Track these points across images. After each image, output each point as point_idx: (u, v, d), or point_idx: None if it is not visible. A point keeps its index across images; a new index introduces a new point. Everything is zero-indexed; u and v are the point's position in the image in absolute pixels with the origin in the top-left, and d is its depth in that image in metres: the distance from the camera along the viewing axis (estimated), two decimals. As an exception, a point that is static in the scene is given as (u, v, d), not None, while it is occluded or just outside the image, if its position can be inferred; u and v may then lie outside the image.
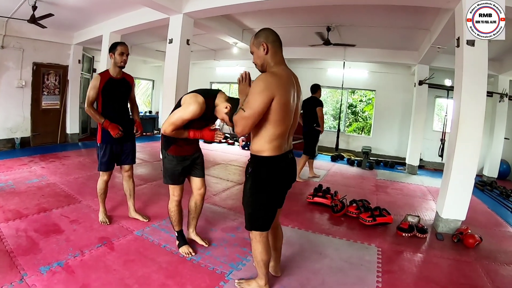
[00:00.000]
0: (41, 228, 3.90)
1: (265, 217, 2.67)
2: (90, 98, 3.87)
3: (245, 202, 2.70)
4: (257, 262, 2.77)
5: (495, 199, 7.33)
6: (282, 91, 2.36)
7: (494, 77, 9.38)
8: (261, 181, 2.56)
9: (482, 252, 4.22)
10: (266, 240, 2.73)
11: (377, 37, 8.59)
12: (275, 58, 2.56)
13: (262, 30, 2.61)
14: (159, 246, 3.67)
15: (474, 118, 4.59)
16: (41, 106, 9.82)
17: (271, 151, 2.48)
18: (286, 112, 2.43)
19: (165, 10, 6.54)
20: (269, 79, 2.36)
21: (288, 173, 2.68)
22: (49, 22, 7.55)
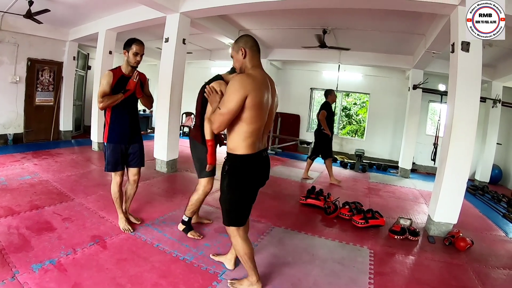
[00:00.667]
0: (33, 226, 3.87)
1: (241, 213, 2.80)
2: (103, 93, 3.76)
3: (222, 199, 2.80)
4: (241, 257, 2.84)
5: (487, 203, 7.40)
6: (256, 91, 2.50)
7: (488, 83, 9.45)
8: (237, 179, 2.69)
9: (473, 255, 4.27)
10: (244, 233, 2.84)
11: (373, 41, 8.62)
12: (252, 61, 2.72)
13: (242, 36, 2.81)
14: (152, 245, 3.66)
15: (467, 123, 4.63)
16: (34, 102, 9.74)
17: (245, 149, 2.62)
18: (259, 111, 2.56)
19: (162, 9, 6.51)
20: (244, 79, 2.53)
21: (261, 171, 2.81)
22: (45, 17, 7.51)
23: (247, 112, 2.51)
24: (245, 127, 2.57)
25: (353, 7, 5.68)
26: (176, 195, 5.55)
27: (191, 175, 7.15)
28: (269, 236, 4.26)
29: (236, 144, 2.63)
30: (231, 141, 2.65)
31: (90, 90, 10.59)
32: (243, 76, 2.56)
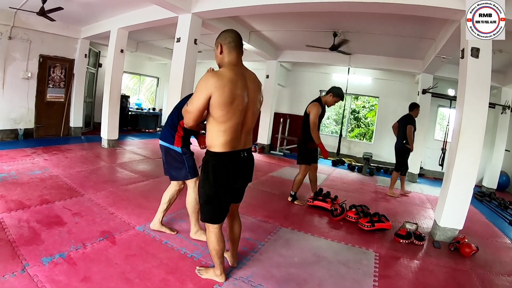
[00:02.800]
0: (44, 220, 3.93)
1: (214, 210, 2.81)
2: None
3: (198, 194, 2.87)
4: (210, 251, 2.91)
5: (493, 210, 7.37)
6: (221, 90, 2.51)
7: (497, 89, 9.43)
8: (209, 175, 2.69)
9: (478, 261, 4.26)
10: (219, 231, 2.86)
11: (383, 44, 8.62)
12: (228, 57, 2.75)
13: (223, 32, 2.84)
14: (160, 242, 3.70)
15: (475, 130, 4.63)
16: (45, 98, 9.85)
17: (220, 147, 2.65)
18: (229, 109, 2.56)
19: (174, 9, 6.56)
20: (208, 79, 2.53)
21: (238, 170, 2.79)
22: (57, 15, 7.59)
23: (215, 110, 2.54)
24: (218, 126, 2.60)
25: (364, 11, 5.69)
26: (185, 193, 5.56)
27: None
28: (276, 236, 4.29)
29: (210, 142, 2.68)
30: (207, 138, 2.71)
31: (101, 87, 10.67)
32: (209, 75, 2.55)
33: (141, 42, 12.25)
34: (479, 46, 4.54)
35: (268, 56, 10.99)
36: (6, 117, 8.97)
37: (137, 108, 14.32)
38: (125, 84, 14.74)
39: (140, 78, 15.79)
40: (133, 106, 14.36)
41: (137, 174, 6.60)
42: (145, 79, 16.12)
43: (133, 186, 5.74)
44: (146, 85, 16.43)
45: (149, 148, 10.02)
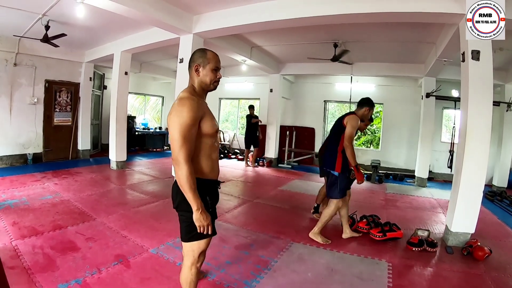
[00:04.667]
0: (57, 245, 3.96)
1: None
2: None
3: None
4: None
5: (505, 209, 7.32)
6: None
7: (501, 86, 9.38)
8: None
9: (491, 264, 4.23)
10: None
11: (384, 51, 8.66)
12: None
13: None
14: (175, 264, 3.71)
15: (481, 131, 4.64)
16: (53, 122, 9.99)
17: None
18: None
19: (175, 30, 6.66)
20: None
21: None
22: (61, 40, 7.68)
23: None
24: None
25: (363, 22, 5.73)
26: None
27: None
28: (289, 252, 4.29)
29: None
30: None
31: (107, 109, 10.77)
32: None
33: (144, 63, 12.38)
34: (479, 48, 4.57)
35: (270, 70, 11.05)
36: (15, 142, 9.10)
37: (143, 128, 14.41)
38: (130, 104, 14.81)
39: (145, 98, 15.90)
40: (139, 126, 14.45)
41: (147, 195, 6.61)
42: (150, 98, 16.25)
43: (144, 208, 5.76)
44: (151, 104, 16.52)
45: (157, 168, 10.05)
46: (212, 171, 2.46)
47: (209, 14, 6.54)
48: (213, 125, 2.38)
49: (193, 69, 2.45)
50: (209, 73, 2.42)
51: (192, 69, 2.45)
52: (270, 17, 5.86)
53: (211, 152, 2.42)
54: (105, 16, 6.45)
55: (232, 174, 9.79)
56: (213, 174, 2.47)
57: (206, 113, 2.35)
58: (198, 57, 2.46)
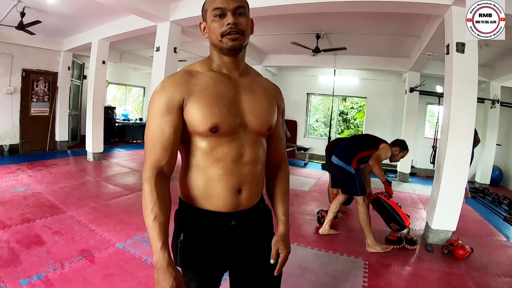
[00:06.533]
0: (23, 240, 3.85)
1: None
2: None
3: None
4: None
5: (487, 206, 7.32)
6: None
7: (486, 83, 9.39)
8: None
9: (473, 263, 4.16)
10: None
11: (367, 44, 8.57)
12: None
13: None
14: (140, 260, 3.60)
15: (464, 127, 4.56)
16: (30, 113, 9.73)
17: None
18: None
19: (152, 18, 6.47)
20: None
21: None
22: (38, 28, 7.51)
23: None
24: None
25: (349, 10, 5.60)
26: (170, 206, 5.44)
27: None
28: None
29: None
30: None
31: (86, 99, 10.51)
32: None
33: (124, 52, 12.14)
34: (464, 40, 4.47)
35: (252, 61, 10.79)
36: (-10, 133, 8.83)
37: (123, 119, 14.18)
38: (112, 95, 14.66)
39: (126, 88, 15.66)
40: (119, 117, 14.21)
41: (121, 187, 6.48)
42: (132, 89, 16.02)
43: (116, 200, 5.63)
44: (133, 95, 16.30)
45: (135, 159, 9.87)
46: (208, 196, 1.52)
47: (187, 1, 6.35)
48: (207, 115, 1.43)
49: (202, 31, 1.60)
50: (212, 25, 1.49)
51: (202, 33, 1.60)
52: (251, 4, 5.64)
53: (206, 164, 1.50)
54: (81, 2, 6.28)
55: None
56: (209, 201, 1.52)
57: (199, 95, 1.46)
58: (202, 12, 1.60)
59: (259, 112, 1.57)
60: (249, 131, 1.54)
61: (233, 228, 1.58)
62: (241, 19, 1.49)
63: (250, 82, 1.63)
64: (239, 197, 1.54)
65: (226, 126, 1.45)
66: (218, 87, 1.50)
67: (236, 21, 1.46)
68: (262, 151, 1.63)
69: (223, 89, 1.51)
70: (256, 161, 1.57)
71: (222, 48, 1.50)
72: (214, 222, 1.54)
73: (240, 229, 1.60)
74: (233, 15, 1.46)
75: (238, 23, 1.47)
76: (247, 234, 1.64)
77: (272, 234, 1.74)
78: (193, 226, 1.56)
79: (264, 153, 1.65)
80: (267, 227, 1.77)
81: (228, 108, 1.47)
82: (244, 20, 1.51)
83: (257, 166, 1.58)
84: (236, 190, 1.52)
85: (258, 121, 1.56)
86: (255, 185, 1.60)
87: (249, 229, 1.64)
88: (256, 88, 1.62)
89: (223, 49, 1.50)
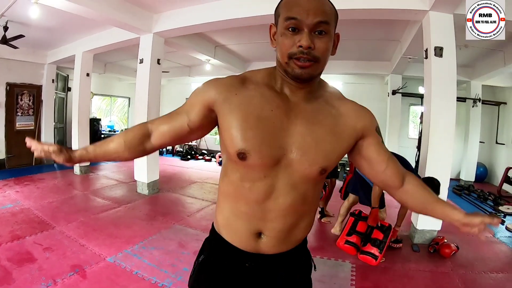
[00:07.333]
0: (15, 257, 3.83)
1: None
2: None
3: None
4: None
5: (473, 203, 7.44)
6: None
7: (467, 83, 9.56)
8: None
9: (459, 261, 4.25)
10: None
11: (350, 50, 8.62)
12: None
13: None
14: (131, 273, 3.61)
15: (445, 128, 4.66)
16: (15, 127, 9.65)
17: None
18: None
19: (135, 30, 6.50)
20: None
21: None
22: (22, 42, 7.48)
23: None
24: None
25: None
26: (157, 218, 5.46)
27: (173, 196, 7.11)
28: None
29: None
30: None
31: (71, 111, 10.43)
32: None
33: (109, 63, 12.10)
34: (442, 45, 4.59)
35: (236, 70, 10.81)
36: (-25, 149, 8.73)
37: (109, 130, 14.09)
38: (97, 106, 14.57)
39: (111, 99, 15.58)
40: (105, 128, 14.13)
41: (109, 201, 6.44)
42: (117, 99, 15.94)
43: (104, 214, 5.60)
44: (118, 106, 16.21)
45: (122, 171, 9.79)
46: (229, 227, 1.36)
47: (170, 12, 6.37)
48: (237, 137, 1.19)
49: (271, 37, 1.33)
50: (280, 39, 1.20)
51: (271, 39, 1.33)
52: (232, 15, 5.72)
53: (233, 195, 1.31)
54: (64, 16, 6.22)
55: (198, 176, 9.63)
56: (230, 233, 1.36)
57: (235, 109, 1.21)
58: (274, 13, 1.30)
59: (311, 149, 1.22)
60: (291, 171, 1.22)
61: (249, 270, 1.35)
62: (320, 40, 1.15)
63: (315, 109, 1.28)
64: (259, 240, 1.31)
65: (258, 157, 1.18)
66: (264, 107, 1.21)
67: (313, 43, 1.13)
68: (302, 200, 1.28)
69: (270, 113, 1.21)
70: (291, 210, 1.27)
71: (286, 72, 1.21)
72: (230, 256, 1.35)
73: (257, 274, 1.36)
74: (310, 33, 1.13)
75: (314, 47, 1.14)
76: (267, 283, 1.38)
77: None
78: (213, 252, 1.42)
79: (307, 203, 1.32)
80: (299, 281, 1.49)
81: (268, 136, 1.18)
82: (324, 42, 1.17)
83: (289, 217, 1.28)
84: (255, 233, 1.30)
85: (307, 160, 1.22)
86: (284, 235, 1.32)
87: (270, 278, 1.37)
88: (321, 118, 1.27)
89: (287, 73, 1.21)
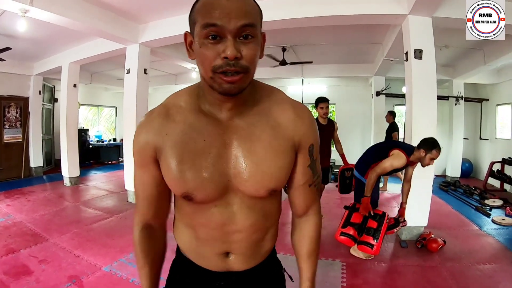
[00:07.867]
0: (11, 270, 3.85)
1: None
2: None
3: None
4: None
5: (459, 198, 7.57)
6: None
7: (449, 82, 9.77)
8: None
9: (446, 255, 4.37)
10: None
11: (333, 53, 8.78)
12: None
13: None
14: (127, 281, 3.66)
15: (426, 127, 4.77)
16: (3, 140, 9.62)
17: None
18: None
19: (121, 41, 6.54)
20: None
21: None
22: (8, 54, 7.46)
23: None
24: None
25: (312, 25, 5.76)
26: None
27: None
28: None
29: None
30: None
31: (59, 123, 10.31)
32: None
33: (95, 73, 12.05)
34: (421, 47, 4.73)
35: (222, 76, 10.87)
36: (-37, 164, 8.68)
37: (97, 141, 14.04)
38: (84, 116, 14.47)
39: (98, 109, 15.47)
40: (93, 139, 14.06)
41: (101, 211, 6.47)
42: (103, 109, 15.83)
43: (97, 224, 5.64)
44: (105, 115, 16.08)
45: (112, 181, 9.78)
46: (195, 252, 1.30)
47: (155, 23, 6.45)
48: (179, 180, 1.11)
49: (188, 47, 1.10)
50: (200, 50, 0.99)
51: (188, 50, 1.10)
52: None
53: (191, 224, 1.26)
54: (50, 28, 6.23)
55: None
56: (198, 258, 1.30)
57: (170, 152, 1.11)
58: (188, 20, 1.06)
59: (254, 171, 1.12)
60: (241, 195, 1.16)
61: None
62: (247, 47, 0.98)
63: (251, 124, 1.15)
64: (227, 259, 1.27)
65: (203, 195, 1.12)
66: (197, 140, 1.10)
67: (239, 52, 0.96)
68: (263, 217, 1.24)
69: (204, 143, 1.10)
70: (254, 229, 1.22)
71: (213, 87, 1.03)
72: (202, 278, 1.30)
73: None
74: (234, 40, 0.96)
75: (241, 56, 0.97)
76: None
77: None
78: (183, 276, 1.35)
79: (268, 218, 1.27)
80: None
81: (207, 170, 1.10)
82: (252, 48, 1.00)
83: (254, 235, 1.24)
84: (222, 254, 1.26)
85: (251, 185, 1.13)
86: (251, 250, 1.28)
87: None
88: (258, 133, 1.14)
89: (214, 89, 1.03)
